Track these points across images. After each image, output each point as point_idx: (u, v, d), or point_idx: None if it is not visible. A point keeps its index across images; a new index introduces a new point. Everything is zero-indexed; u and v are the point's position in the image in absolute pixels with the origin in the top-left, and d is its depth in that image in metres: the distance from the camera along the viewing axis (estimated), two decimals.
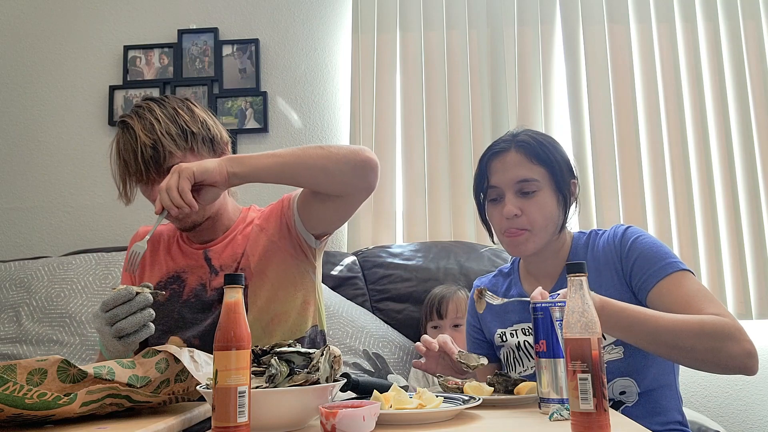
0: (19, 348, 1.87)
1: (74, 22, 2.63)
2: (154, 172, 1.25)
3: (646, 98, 2.45)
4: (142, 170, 1.25)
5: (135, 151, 1.24)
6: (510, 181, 1.24)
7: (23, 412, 0.75)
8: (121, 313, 1.05)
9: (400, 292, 2.08)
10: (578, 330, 0.75)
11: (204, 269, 1.34)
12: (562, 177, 1.26)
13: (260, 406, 0.78)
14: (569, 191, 1.28)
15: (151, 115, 1.26)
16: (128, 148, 1.25)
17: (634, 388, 1.19)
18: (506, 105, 2.44)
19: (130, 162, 1.25)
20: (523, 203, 1.24)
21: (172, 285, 1.34)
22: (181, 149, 1.27)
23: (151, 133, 1.24)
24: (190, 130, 1.28)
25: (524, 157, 1.25)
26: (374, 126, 2.44)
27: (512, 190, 1.25)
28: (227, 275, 0.78)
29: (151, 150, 1.24)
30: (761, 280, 2.28)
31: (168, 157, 1.25)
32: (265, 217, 1.39)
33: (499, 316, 1.35)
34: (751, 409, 2.28)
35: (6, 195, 2.53)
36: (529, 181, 1.24)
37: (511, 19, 2.49)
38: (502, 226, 1.26)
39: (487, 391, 1.02)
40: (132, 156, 1.24)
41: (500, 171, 1.26)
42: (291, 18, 2.60)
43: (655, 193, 2.37)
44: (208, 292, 1.32)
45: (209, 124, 1.34)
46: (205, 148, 1.32)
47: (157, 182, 1.26)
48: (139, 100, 1.36)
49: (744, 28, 2.45)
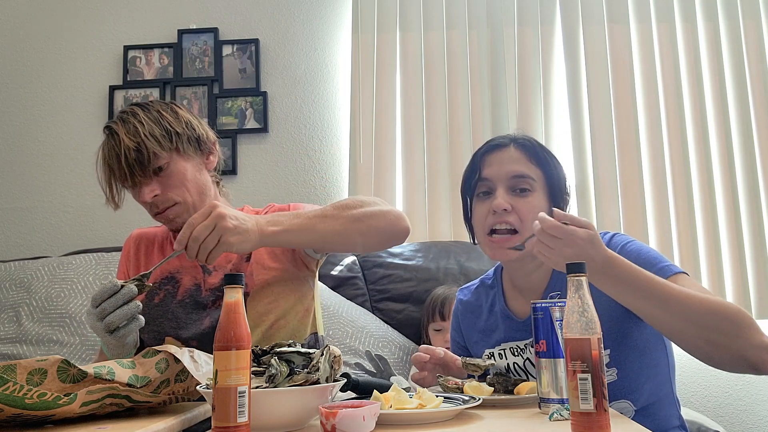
0: (19, 348, 1.87)
1: (74, 22, 2.63)
2: (140, 174, 1.25)
3: (646, 98, 2.45)
4: (126, 174, 1.24)
5: (119, 155, 1.23)
6: (505, 174, 1.18)
7: (23, 412, 0.75)
8: (108, 306, 1.05)
9: (400, 292, 2.08)
10: (578, 330, 0.75)
11: (197, 269, 1.34)
12: (558, 186, 1.21)
13: (260, 406, 0.78)
14: (563, 202, 1.22)
15: (134, 119, 1.26)
16: (112, 154, 1.25)
17: (630, 408, 1.14)
18: (506, 105, 2.44)
19: (114, 167, 1.25)
20: (515, 200, 1.16)
21: (166, 286, 1.34)
22: (166, 149, 1.26)
23: (134, 136, 1.24)
24: (175, 130, 1.28)
25: (523, 155, 1.20)
26: (374, 126, 2.44)
27: (505, 185, 1.18)
28: (227, 275, 0.78)
29: (135, 152, 1.23)
30: (761, 280, 2.28)
31: (152, 158, 1.25)
32: None
33: (486, 336, 1.29)
34: (751, 409, 2.28)
35: (6, 195, 2.53)
36: (524, 178, 1.17)
37: (511, 20, 2.49)
38: (488, 222, 1.17)
39: (487, 391, 1.02)
40: (116, 160, 1.24)
41: (495, 164, 1.20)
42: (291, 18, 2.60)
43: (655, 193, 2.37)
44: (202, 292, 1.31)
45: (194, 124, 1.34)
46: (191, 147, 1.31)
47: (144, 184, 1.26)
48: (138, 100, 1.36)
49: (744, 28, 2.45)
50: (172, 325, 1.30)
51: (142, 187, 1.26)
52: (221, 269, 1.33)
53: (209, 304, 1.30)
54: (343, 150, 2.49)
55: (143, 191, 1.26)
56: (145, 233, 1.47)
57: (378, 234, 1.25)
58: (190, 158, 1.31)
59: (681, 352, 1.07)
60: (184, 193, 1.29)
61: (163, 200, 1.28)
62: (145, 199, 1.27)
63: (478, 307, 1.33)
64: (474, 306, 1.34)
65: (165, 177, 1.27)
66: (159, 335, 1.31)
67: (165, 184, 1.27)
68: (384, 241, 1.29)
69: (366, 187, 2.41)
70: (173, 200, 1.28)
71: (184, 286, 1.33)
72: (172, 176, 1.28)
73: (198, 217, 1.10)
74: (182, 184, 1.29)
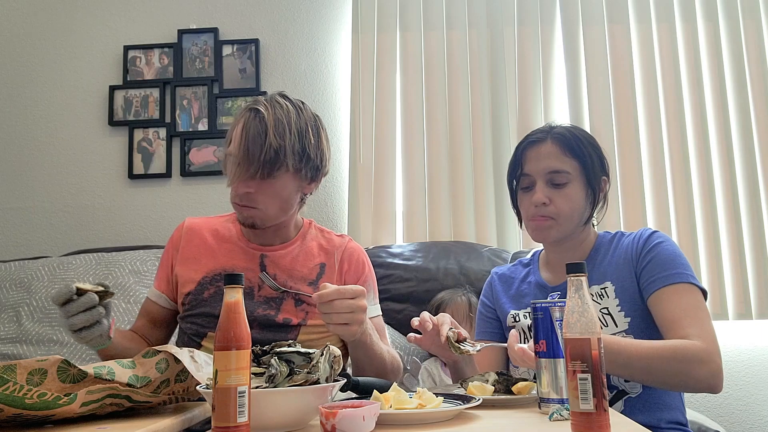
0: (19, 348, 1.87)
1: (74, 22, 2.63)
2: (260, 170, 1.23)
3: (646, 98, 2.45)
4: (250, 161, 1.23)
5: (262, 146, 1.23)
6: (542, 170, 1.28)
7: (23, 412, 0.75)
8: (71, 310, 1.06)
9: (400, 292, 2.08)
10: (578, 330, 0.75)
11: (254, 273, 1.34)
12: (594, 172, 1.29)
13: (260, 406, 0.78)
14: (599, 187, 1.31)
15: (285, 120, 1.26)
16: (257, 140, 1.23)
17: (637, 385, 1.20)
18: (506, 105, 2.44)
19: (250, 149, 1.23)
20: (553, 193, 1.27)
21: (218, 282, 1.33)
22: (292, 168, 1.27)
23: (280, 138, 1.24)
24: (308, 154, 1.28)
25: (558, 149, 1.28)
26: (374, 126, 2.44)
27: (543, 180, 1.28)
28: (227, 275, 0.78)
29: (273, 153, 1.23)
30: (761, 280, 2.28)
31: (280, 169, 1.25)
32: (342, 272, 1.40)
33: (515, 300, 1.39)
34: (751, 409, 2.28)
35: (6, 195, 2.53)
36: (560, 173, 1.27)
37: (511, 20, 2.49)
38: (530, 212, 1.29)
39: (487, 391, 1.02)
40: (255, 146, 1.23)
41: (534, 160, 1.29)
42: (291, 18, 2.60)
43: (655, 193, 2.37)
44: (254, 297, 1.32)
45: (325, 157, 1.34)
46: (309, 175, 1.32)
47: (251, 179, 1.25)
48: (138, 100, 1.36)
49: (744, 28, 2.45)
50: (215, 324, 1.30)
51: (248, 181, 1.26)
52: (283, 280, 1.34)
53: (258, 310, 1.31)
54: (343, 150, 2.49)
55: (244, 184, 1.26)
56: (197, 223, 1.44)
57: (393, 374, 1.34)
58: (297, 180, 1.31)
59: None
60: (270, 204, 1.29)
61: (249, 200, 1.28)
62: (238, 191, 1.27)
63: (512, 278, 1.44)
64: (507, 277, 1.45)
65: (267, 184, 1.27)
66: (200, 330, 1.31)
67: (262, 188, 1.27)
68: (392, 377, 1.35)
69: (366, 187, 2.42)
70: (257, 205, 1.28)
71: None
72: (272, 187, 1.27)
73: (349, 293, 1.10)
74: (275, 197, 1.28)
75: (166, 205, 2.50)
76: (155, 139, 2.53)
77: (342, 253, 1.42)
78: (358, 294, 1.10)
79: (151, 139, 2.53)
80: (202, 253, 1.38)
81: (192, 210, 2.48)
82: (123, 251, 2.19)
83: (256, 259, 1.36)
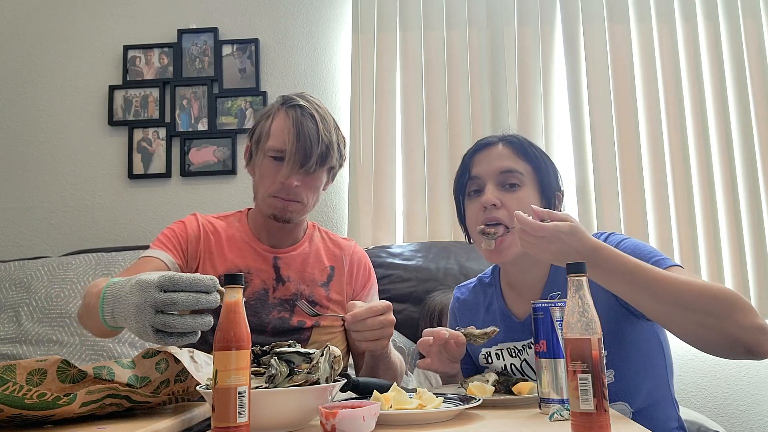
0: (19, 348, 1.87)
1: (74, 22, 2.63)
2: (313, 164, 1.29)
3: (646, 98, 2.45)
4: (307, 156, 1.28)
5: (319, 140, 1.29)
6: (493, 171, 1.19)
7: (23, 412, 0.75)
8: (180, 303, 0.85)
9: (400, 292, 2.07)
10: (578, 330, 0.75)
11: (269, 273, 1.36)
12: (548, 181, 1.20)
13: (260, 407, 0.78)
14: (554, 198, 1.21)
15: (327, 119, 1.34)
16: (312, 133, 1.29)
17: (627, 409, 1.13)
18: (506, 105, 2.44)
19: (303, 143, 1.28)
20: (504, 195, 1.17)
21: None
22: (334, 161, 1.35)
23: (329, 134, 1.31)
24: (341, 152, 1.38)
25: (511, 151, 1.21)
26: (374, 126, 2.44)
27: (494, 181, 1.18)
28: (227, 275, 0.77)
29: (325, 148, 1.30)
30: (761, 279, 2.28)
31: (327, 160, 1.32)
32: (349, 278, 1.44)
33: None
34: (751, 409, 2.28)
35: (6, 195, 2.53)
36: (513, 173, 1.18)
37: (511, 19, 2.49)
38: (479, 218, 1.17)
39: (487, 391, 1.02)
40: (310, 140, 1.28)
41: (484, 162, 1.21)
42: (291, 18, 2.60)
43: (655, 192, 2.37)
44: (269, 298, 1.34)
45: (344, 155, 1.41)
46: (332, 172, 1.40)
47: (304, 173, 1.30)
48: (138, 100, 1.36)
49: (744, 28, 2.45)
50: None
51: (302, 175, 1.30)
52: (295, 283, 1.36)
53: (273, 313, 1.32)
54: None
55: (297, 177, 1.29)
56: (209, 221, 1.43)
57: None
58: (325, 175, 1.38)
59: (679, 353, 1.06)
60: (311, 198, 1.35)
61: (296, 194, 1.32)
62: (290, 183, 1.29)
63: (476, 305, 1.32)
64: (471, 304, 1.34)
65: (312, 178, 1.33)
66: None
67: (307, 182, 1.32)
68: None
69: (366, 187, 2.41)
70: (301, 199, 1.33)
71: (253, 287, 1.33)
72: (315, 180, 1.34)
73: (379, 309, 1.13)
74: (315, 191, 1.35)
75: (166, 205, 2.50)
76: (155, 138, 2.53)
77: (351, 257, 1.46)
78: (387, 310, 1.13)
79: (151, 139, 2.53)
80: (219, 251, 1.38)
81: (192, 210, 2.46)
82: (123, 251, 2.18)
83: (269, 260, 1.38)
